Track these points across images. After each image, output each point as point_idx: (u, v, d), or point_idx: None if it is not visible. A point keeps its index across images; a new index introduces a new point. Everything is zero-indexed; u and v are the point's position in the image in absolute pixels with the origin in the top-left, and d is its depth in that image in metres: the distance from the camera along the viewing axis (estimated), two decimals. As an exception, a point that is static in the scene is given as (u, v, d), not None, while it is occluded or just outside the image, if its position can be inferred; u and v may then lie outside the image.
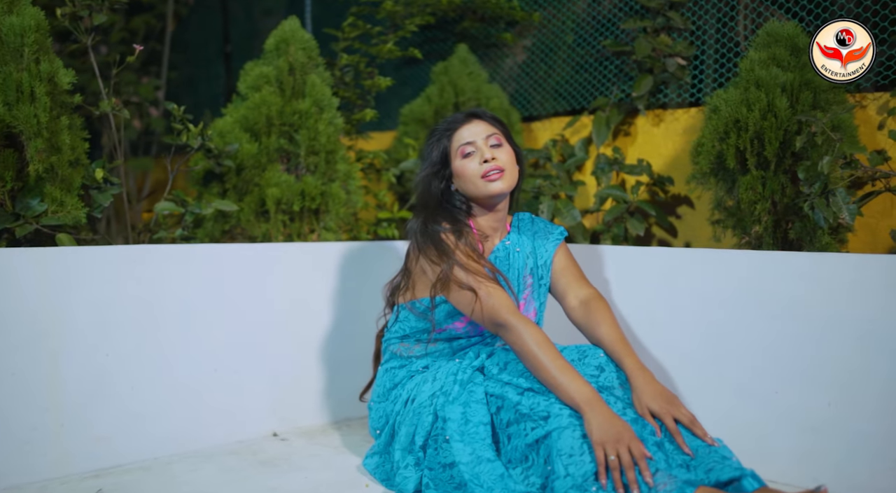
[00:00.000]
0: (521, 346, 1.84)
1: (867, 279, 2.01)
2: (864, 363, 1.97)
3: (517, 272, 2.09)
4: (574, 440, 1.69)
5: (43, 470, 1.99)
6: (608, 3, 3.53)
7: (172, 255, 2.28)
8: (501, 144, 2.05)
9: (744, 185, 2.50)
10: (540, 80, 3.71)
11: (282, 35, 2.86)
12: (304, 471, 2.10)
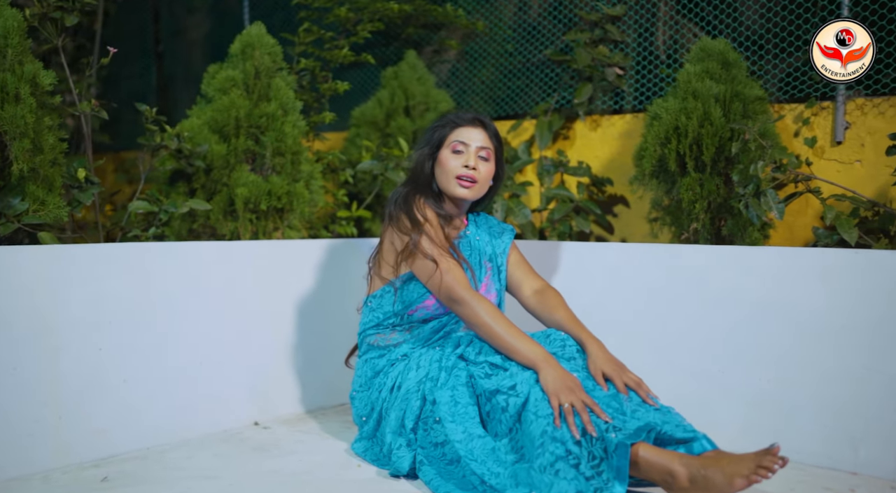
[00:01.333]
0: (474, 318, 2.04)
1: (793, 268, 2.29)
2: (795, 344, 2.25)
3: (478, 258, 2.29)
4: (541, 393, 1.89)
5: (45, 461, 2.05)
6: (549, 15, 3.76)
7: (159, 252, 2.36)
8: (488, 160, 2.25)
9: (684, 186, 2.76)
10: (483, 86, 3.91)
11: (247, 40, 2.95)
12: (295, 455, 2.22)
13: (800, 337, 2.25)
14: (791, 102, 3.09)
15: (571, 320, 2.19)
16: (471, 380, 2.04)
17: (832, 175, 2.89)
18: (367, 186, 3.47)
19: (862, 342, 2.14)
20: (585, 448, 1.81)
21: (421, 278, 2.14)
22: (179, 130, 2.70)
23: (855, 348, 2.15)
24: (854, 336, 2.16)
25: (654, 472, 1.80)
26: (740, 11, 3.28)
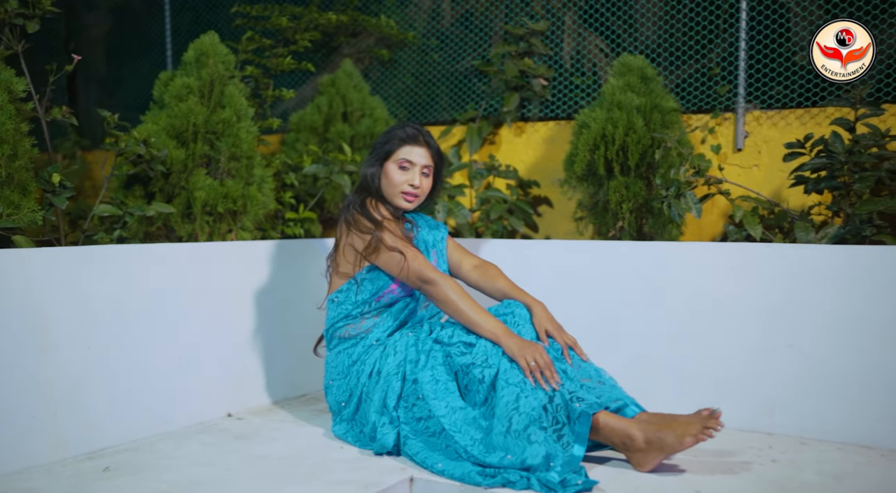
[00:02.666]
0: (444, 296, 2.29)
1: (714, 261, 2.63)
2: (722, 324, 2.59)
3: (423, 246, 2.54)
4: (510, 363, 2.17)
5: (43, 455, 2.13)
6: (461, 25, 4.02)
7: (139, 254, 2.46)
8: (429, 176, 2.49)
9: (612, 188, 3.08)
10: (412, 94, 4.14)
11: (201, 48, 3.07)
12: (277, 441, 2.38)
13: (724, 319, 2.59)
14: (698, 112, 3.47)
15: (513, 287, 2.48)
16: (447, 359, 2.27)
17: (734, 178, 3.28)
18: (308, 188, 3.62)
19: (776, 322, 2.50)
20: (551, 414, 2.09)
21: (391, 270, 2.36)
22: (138, 136, 2.79)
23: (771, 328, 2.51)
24: (770, 317, 2.51)
25: (615, 436, 2.10)
26: (640, 23, 3.64)
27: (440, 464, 2.12)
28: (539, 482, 1.98)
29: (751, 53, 3.33)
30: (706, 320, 2.61)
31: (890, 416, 2.32)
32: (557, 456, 2.03)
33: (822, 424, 2.41)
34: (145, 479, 2.03)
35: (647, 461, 2.09)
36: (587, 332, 2.52)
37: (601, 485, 1.99)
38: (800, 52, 3.25)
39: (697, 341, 2.62)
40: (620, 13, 3.65)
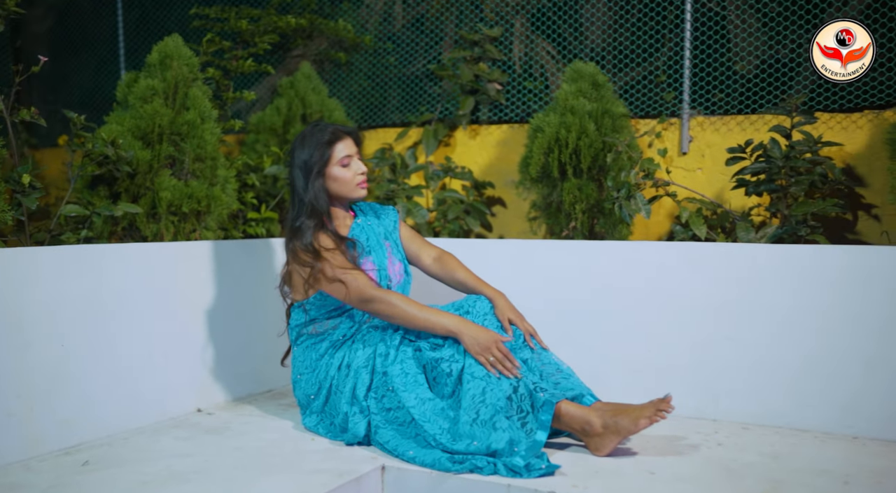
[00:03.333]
0: (389, 310, 2.37)
1: (667, 258, 2.80)
2: (669, 319, 2.75)
3: (377, 239, 2.63)
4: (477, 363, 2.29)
5: (20, 451, 2.17)
6: (412, 27, 4.14)
7: (109, 254, 2.51)
8: (362, 159, 2.59)
9: (566, 189, 3.22)
10: (368, 96, 4.23)
11: (165, 51, 3.11)
12: (249, 434, 2.46)
13: (671, 314, 2.75)
14: (645, 117, 3.64)
15: (472, 277, 2.60)
16: (416, 353, 2.37)
17: (680, 181, 3.46)
18: (269, 189, 3.69)
19: (719, 316, 2.67)
20: (515, 403, 2.22)
21: (337, 298, 2.44)
22: (106, 136, 2.82)
23: (714, 322, 2.68)
24: (713, 312, 2.68)
25: (575, 423, 2.24)
26: (589, 29, 3.81)
27: (411, 451, 2.23)
28: (505, 467, 2.11)
29: (695, 62, 3.51)
30: (654, 314, 2.78)
31: (821, 402, 2.51)
32: (521, 442, 2.16)
33: (762, 410, 2.59)
34: (125, 472, 2.09)
35: (604, 445, 2.23)
36: (544, 326, 2.65)
37: (563, 469, 2.12)
38: (740, 61, 3.45)
39: (646, 334, 2.78)
40: (569, 19, 3.81)
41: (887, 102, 3.16)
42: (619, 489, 1.98)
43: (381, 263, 2.56)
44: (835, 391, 2.50)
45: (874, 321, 2.45)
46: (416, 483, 2.14)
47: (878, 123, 3.17)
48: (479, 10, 4.00)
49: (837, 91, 3.23)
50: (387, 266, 2.58)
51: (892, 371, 2.42)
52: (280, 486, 2.00)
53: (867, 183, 3.19)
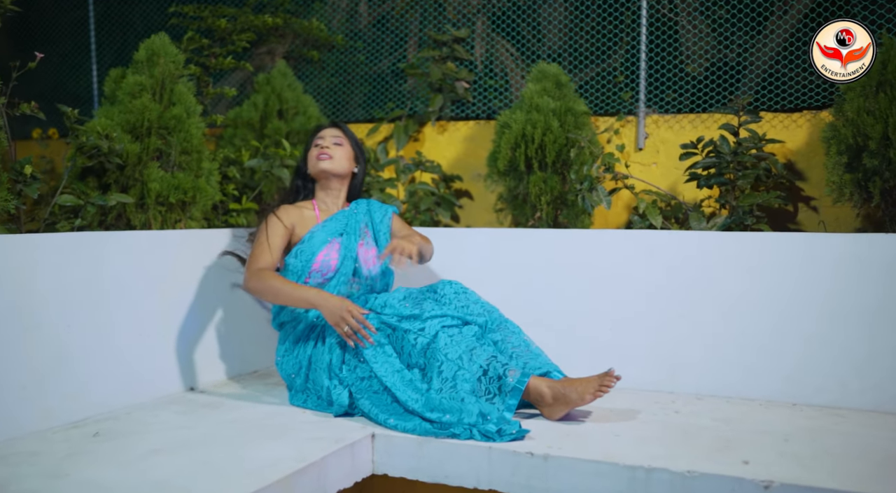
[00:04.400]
0: (254, 289, 2.66)
1: (626, 246, 3.04)
2: (628, 301, 2.99)
3: (355, 225, 2.86)
4: (449, 338, 2.48)
5: (32, 423, 2.32)
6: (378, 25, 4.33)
7: (106, 241, 2.66)
8: (342, 144, 2.90)
9: (532, 182, 3.45)
10: (339, 93, 4.41)
11: (152, 48, 3.25)
12: (243, 409, 2.63)
13: (630, 296, 3.00)
14: (604, 115, 3.89)
15: (420, 239, 2.84)
16: (382, 325, 2.56)
17: (636, 175, 3.71)
18: (247, 181, 3.84)
19: (675, 298, 2.92)
20: (484, 385, 2.43)
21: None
22: (101, 129, 2.96)
23: (670, 303, 2.93)
24: (669, 294, 2.93)
25: (531, 394, 2.47)
26: (546, 29, 4.04)
27: (391, 420, 2.43)
28: (479, 433, 2.32)
29: (650, 64, 3.77)
30: (615, 297, 3.02)
31: (766, 374, 2.77)
32: (492, 413, 2.36)
33: (714, 382, 2.85)
34: (135, 442, 2.25)
35: (554, 412, 2.46)
36: (513, 310, 2.87)
37: (535, 433, 2.34)
38: (691, 63, 3.72)
39: (608, 315, 3.02)
40: (528, 21, 4.03)
41: (823, 104, 3.45)
42: (589, 448, 2.20)
43: (349, 245, 2.77)
44: (778, 365, 2.76)
45: (813, 301, 2.73)
46: (403, 448, 2.34)
47: (816, 123, 3.46)
48: (442, 10, 4.20)
49: (779, 92, 3.51)
50: (356, 250, 2.77)
51: (828, 346, 2.70)
52: (282, 451, 2.18)
53: (806, 177, 3.48)
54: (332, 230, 2.78)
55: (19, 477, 1.96)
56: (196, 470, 2.01)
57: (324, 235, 2.76)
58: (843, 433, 2.36)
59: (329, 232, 2.77)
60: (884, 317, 2.63)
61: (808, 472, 2.00)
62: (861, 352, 2.65)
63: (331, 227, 2.78)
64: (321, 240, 2.74)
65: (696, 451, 2.18)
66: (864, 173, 2.97)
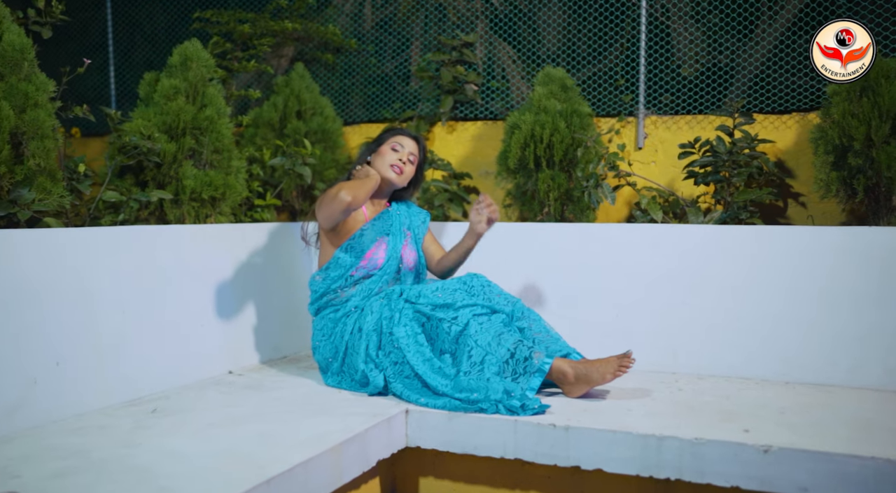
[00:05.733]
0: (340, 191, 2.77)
1: (631, 238, 3.28)
2: (633, 287, 3.23)
3: (399, 226, 3.07)
4: (479, 325, 2.71)
5: (96, 400, 2.53)
6: (381, 28, 4.55)
7: (153, 235, 2.87)
8: (414, 164, 3.04)
9: (541, 179, 3.68)
10: (350, 94, 4.62)
11: (185, 53, 3.46)
12: (283, 390, 2.85)
13: (635, 283, 3.24)
14: (606, 116, 4.13)
15: (453, 250, 3.06)
16: (416, 314, 2.79)
17: (637, 173, 3.95)
18: (267, 178, 4.05)
19: (677, 286, 3.17)
20: (511, 367, 2.66)
21: (323, 208, 2.85)
22: (145, 131, 3.16)
23: (673, 291, 3.17)
24: (672, 282, 3.18)
25: (553, 374, 2.69)
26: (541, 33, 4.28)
27: (422, 399, 2.66)
28: (505, 407, 2.55)
29: (649, 68, 4.01)
30: (621, 284, 3.26)
31: (762, 356, 3.02)
32: (515, 390, 2.60)
33: (714, 363, 3.10)
34: (192, 417, 2.47)
35: (575, 390, 2.69)
36: (526, 298, 3.10)
37: (554, 408, 2.57)
38: (686, 67, 3.97)
39: (614, 301, 3.26)
40: (528, 24, 4.27)
41: (811, 106, 3.71)
42: (606, 420, 2.44)
43: (395, 246, 2.98)
44: (773, 347, 3.02)
45: (803, 289, 2.98)
46: (435, 421, 2.57)
47: (804, 124, 3.72)
48: (444, 14, 4.43)
49: (769, 95, 3.77)
50: (401, 251, 2.99)
51: (818, 329, 2.95)
52: (326, 424, 2.40)
53: (795, 175, 3.74)
54: (380, 230, 2.99)
55: (97, 446, 2.17)
56: (255, 440, 2.23)
57: (373, 235, 2.96)
58: (832, 406, 2.61)
59: (377, 231, 2.98)
60: (868, 302, 2.88)
61: (802, 438, 2.25)
62: (848, 334, 2.91)
63: (379, 226, 2.99)
64: (371, 239, 2.95)
65: (701, 422, 2.43)
66: (850, 171, 3.23)
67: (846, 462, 2.10)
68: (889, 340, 2.85)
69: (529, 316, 2.93)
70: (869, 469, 2.08)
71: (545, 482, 2.57)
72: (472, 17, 4.41)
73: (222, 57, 4.10)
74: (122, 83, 5.15)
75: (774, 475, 2.17)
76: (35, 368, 2.38)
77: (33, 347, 2.38)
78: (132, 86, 5.21)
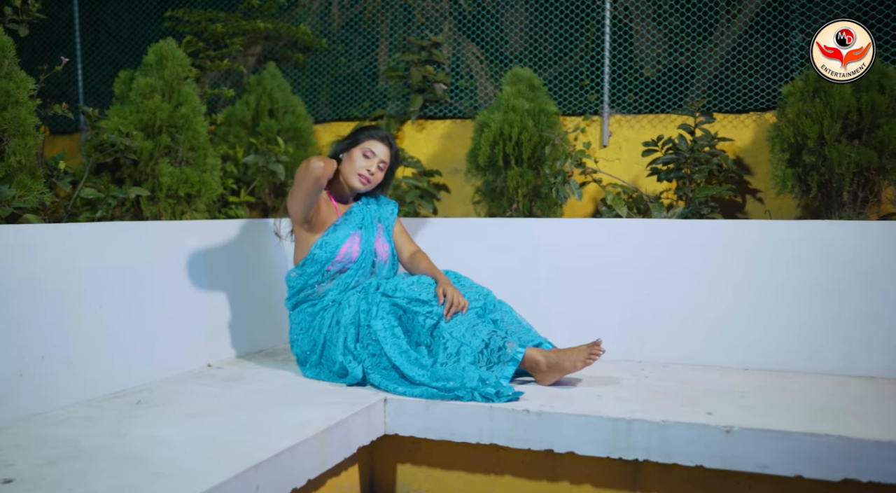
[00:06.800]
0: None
1: (598, 233, 3.40)
2: (600, 280, 3.36)
3: (371, 219, 3.14)
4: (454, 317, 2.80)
5: (81, 393, 2.58)
6: (349, 27, 4.63)
7: (134, 230, 2.92)
8: (383, 170, 3.10)
9: (510, 176, 3.79)
10: (319, 93, 4.69)
11: (161, 52, 3.50)
12: (263, 381, 2.92)
13: (603, 276, 3.36)
14: (571, 115, 4.25)
15: (430, 267, 3.11)
16: (393, 307, 2.87)
17: (602, 170, 4.08)
18: (240, 176, 4.11)
19: (642, 278, 3.30)
20: (485, 357, 2.76)
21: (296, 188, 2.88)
22: (123, 128, 3.20)
23: (638, 282, 3.30)
24: (637, 274, 3.31)
25: (526, 362, 2.80)
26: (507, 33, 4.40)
27: (400, 388, 2.74)
28: (480, 395, 2.65)
29: (613, 68, 4.14)
30: (589, 277, 3.38)
31: (723, 344, 3.16)
32: (490, 378, 2.70)
33: (677, 352, 3.23)
34: (175, 407, 2.53)
35: (547, 378, 2.81)
36: (500, 289, 3.20)
37: (528, 395, 2.68)
38: (648, 67, 4.11)
39: (583, 293, 3.39)
40: (494, 24, 4.38)
41: (767, 106, 3.87)
42: (577, 405, 2.55)
43: (368, 239, 3.06)
44: (733, 335, 3.16)
45: (762, 280, 3.13)
46: (413, 408, 2.66)
47: (761, 123, 3.88)
48: (410, 14, 4.53)
49: (727, 95, 3.92)
50: (374, 243, 3.07)
51: (775, 318, 3.10)
52: (309, 413, 2.48)
53: (753, 172, 3.90)
54: (352, 224, 3.06)
55: (86, 435, 2.22)
56: (239, 429, 2.30)
57: (346, 229, 3.03)
58: (789, 390, 2.76)
59: (350, 226, 3.05)
60: (821, 292, 3.04)
61: (761, 419, 2.38)
62: (803, 323, 3.06)
63: (351, 221, 3.06)
64: (344, 233, 3.02)
65: (666, 406, 2.55)
66: (804, 168, 3.39)
67: (802, 440, 2.24)
68: (844, 327, 3.01)
69: (501, 308, 3.04)
70: (823, 446, 2.22)
71: (519, 465, 2.67)
72: (439, 18, 4.51)
73: (195, 56, 4.14)
74: (88, 81, 5.15)
75: (736, 454, 2.30)
76: (20, 361, 2.43)
77: (19, 341, 2.43)
78: (97, 83, 5.22)
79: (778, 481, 2.32)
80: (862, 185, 3.33)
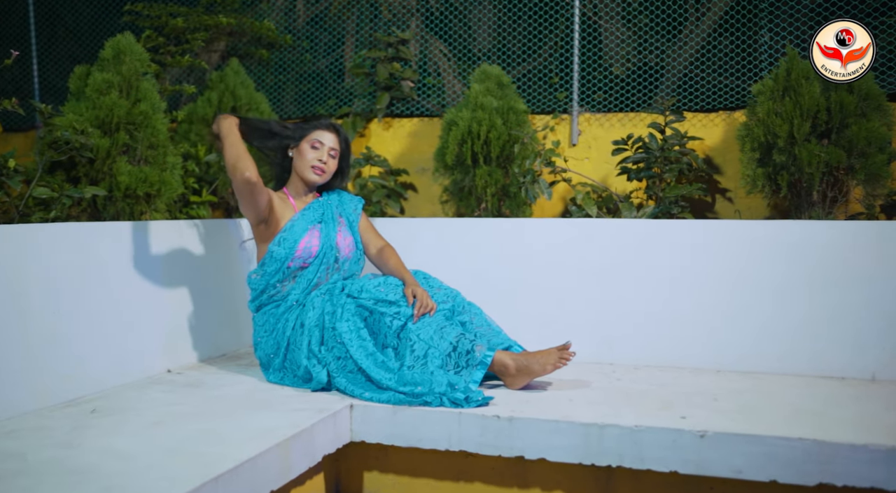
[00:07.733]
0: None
1: (568, 233, 3.35)
2: (570, 281, 3.31)
3: (331, 213, 3.07)
4: (421, 319, 2.74)
5: (31, 402, 2.46)
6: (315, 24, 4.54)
7: (91, 231, 2.80)
8: (335, 158, 3.03)
9: (479, 175, 3.73)
10: (284, 90, 4.59)
11: (118, 47, 3.38)
12: (224, 387, 2.82)
13: (572, 277, 3.31)
14: (540, 113, 4.20)
15: (398, 266, 3.03)
16: (358, 309, 2.80)
17: (572, 168, 4.04)
18: (202, 175, 3.99)
19: (612, 278, 3.25)
20: (453, 360, 2.70)
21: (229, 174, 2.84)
22: (77, 126, 3.08)
23: (609, 283, 3.26)
24: (605, 275, 3.26)
25: (495, 366, 2.74)
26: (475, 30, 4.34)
27: (367, 393, 2.67)
28: (448, 400, 2.58)
29: (582, 67, 4.10)
30: (558, 277, 3.33)
31: (694, 345, 3.13)
32: (459, 382, 2.64)
33: (648, 353, 3.20)
34: (133, 416, 2.43)
35: (517, 382, 2.75)
36: (466, 292, 3.14)
37: (498, 400, 2.62)
38: (618, 66, 4.07)
39: (551, 294, 3.33)
40: (462, 21, 4.32)
41: (737, 105, 3.85)
42: (548, 410, 2.50)
43: (328, 233, 2.99)
44: (704, 337, 3.13)
45: (732, 280, 3.10)
46: (380, 414, 2.59)
47: (731, 122, 3.86)
48: (377, 11, 4.45)
49: (698, 94, 3.89)
50: (335, 238, 3.00)
51: (746, 319, 3.07)
52: (273, 420, 2.39)
53: (723, 171, 3.87)
54: (310, 219, 2.99)
55: (34, 448, 2.12)
56: (201, 438, 2.21)
57: (304, 224, 2.96)
58: (762, 392, 2.73)
59: (308, 221, 2.98)
60: (791, 292, 3.02)
61: (735, 422, 2.35)
62: (775, 324, 3.03)
63: (309, 216, 2.99)
64: (302, 228, 2.95)
65: (639, 410, 2.51)
66: (774, 168, 3.37)
67: (776, 444, 2.20)
68: (814, 327, 2.99)
69: (470, 310, 2.98)
70: (797, 450, 2.18)
71: (489, 473, 2.61)
72: (406, 14, 4.43)
73: (155, 51, 4.02)
74: (44, 77, 5.00)
75: (710, 459, 2.26)
76: (-33, 369, 2.31)
77: (-35, 348, 2.31)
78: (54, 79, 5.07)
79: (752, 486, 2.29)
80: (831, 184, 3.31)
